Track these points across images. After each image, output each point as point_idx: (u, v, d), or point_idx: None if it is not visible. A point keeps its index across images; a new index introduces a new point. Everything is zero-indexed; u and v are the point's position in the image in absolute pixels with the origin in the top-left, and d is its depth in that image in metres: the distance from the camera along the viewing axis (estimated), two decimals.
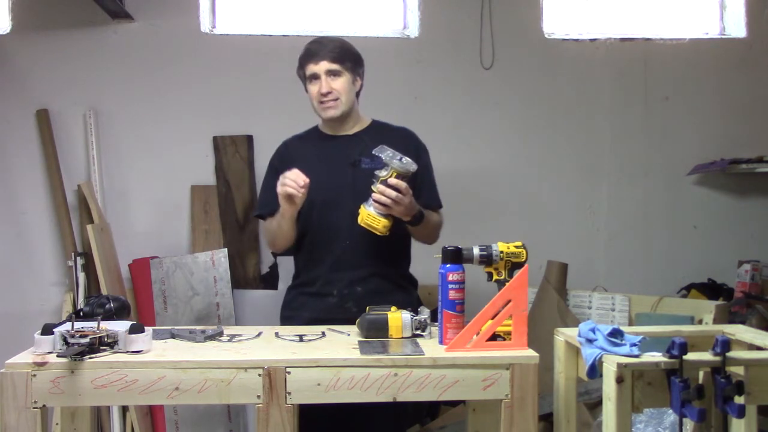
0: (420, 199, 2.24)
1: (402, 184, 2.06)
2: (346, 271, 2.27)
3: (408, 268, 2.44)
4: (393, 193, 2.05)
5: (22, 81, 3.42)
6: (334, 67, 2.28)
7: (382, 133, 2.37)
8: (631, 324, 3.14)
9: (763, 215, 3.75)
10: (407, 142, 2.37)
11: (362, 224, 2.11)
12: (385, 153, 2.09)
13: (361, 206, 2.11)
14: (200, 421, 3.31)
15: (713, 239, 3.72)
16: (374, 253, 2.26)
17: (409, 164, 2.08)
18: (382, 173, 2.07)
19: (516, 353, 1.76)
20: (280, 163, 2.36)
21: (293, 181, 2.12)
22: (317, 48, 2.31)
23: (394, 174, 2.07)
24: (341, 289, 2.27)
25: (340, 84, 2.29)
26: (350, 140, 2.37)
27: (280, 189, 2.15)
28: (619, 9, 3.80)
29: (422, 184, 2.33)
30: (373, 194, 2.07)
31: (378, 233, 2.11)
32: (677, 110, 3.72)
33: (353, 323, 2.03)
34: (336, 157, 2.33)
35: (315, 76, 2.29)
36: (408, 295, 2.37)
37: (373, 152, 2.13)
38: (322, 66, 2.28)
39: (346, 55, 2.32)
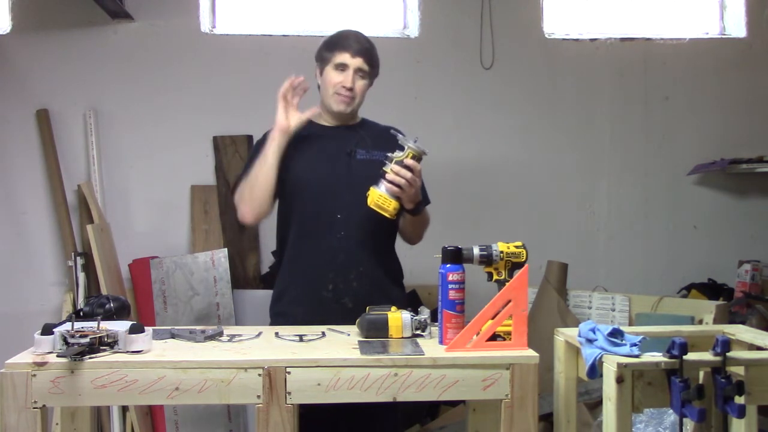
0: None
1: (417, 166, 2.06)
2: (339, 262, 2.23)
3: (397, 262, 2.42)
4: (408, 174, 2.04)
5: (22, 81, 3.42)
6: (366, 68, 2.29)
7: (374, 128, 2.39)
8: (631, 324, 3.14)
9: (763, 215, 3.75)
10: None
11: (372, 206, 2.08)
12: (400, 135, 2.11)
13: (371, 188, 2.09)
14: (200, 421, 3.30)
15: (713, 239, 3.72)
16: (367, 244, 2.25)
17: (423, 147, 2.09)
18: (397, 154, 2.07)
19: (516, 353, 1.76)
20: None
21: (289, 82, 2.23)
22: (357, 43, 2.29)
23: (411, 155, 2.07)
24: (336, 284, 2.23)
25: (362, 86, 2.30)
26: (346, 131, 2.36)
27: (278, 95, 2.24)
28: (619, 9, 3.80)
29: None
30: (387, 174, 2.06)
31: (388, 215, 2.09)
32: (677, 110, 3.72)
33: (349, 319, 2.03)
34: (332, 146, 2.32)
35: (344, 67, 2.27)
36: (401, 290, 2.37)
37: (390, 131, 2.16)
38: (357, 61, 2.26)
39: (376, 62, 2.34)
